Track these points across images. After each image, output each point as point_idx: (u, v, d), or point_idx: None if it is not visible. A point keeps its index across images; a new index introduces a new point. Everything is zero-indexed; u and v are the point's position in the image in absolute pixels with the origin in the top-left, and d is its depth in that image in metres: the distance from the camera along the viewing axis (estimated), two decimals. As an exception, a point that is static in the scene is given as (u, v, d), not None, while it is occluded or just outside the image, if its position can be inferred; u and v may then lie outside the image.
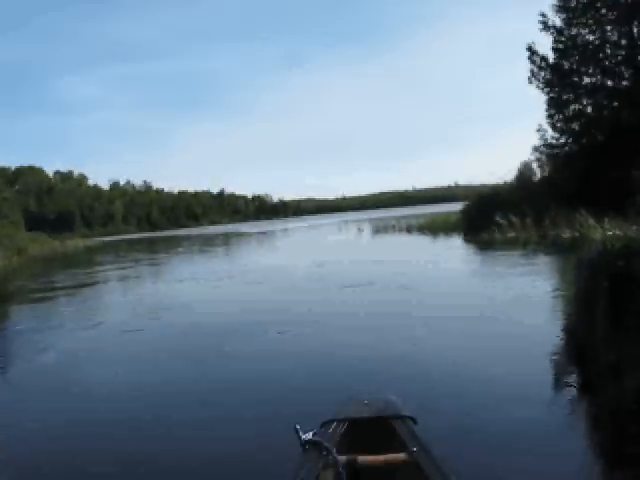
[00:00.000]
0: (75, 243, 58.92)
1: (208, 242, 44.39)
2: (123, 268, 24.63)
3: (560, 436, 3.77)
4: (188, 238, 57.89)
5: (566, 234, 16.83)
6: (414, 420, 2.94)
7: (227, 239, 47.50)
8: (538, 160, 24.63)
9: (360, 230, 35.03)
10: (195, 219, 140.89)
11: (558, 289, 9.24)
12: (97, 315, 11.26)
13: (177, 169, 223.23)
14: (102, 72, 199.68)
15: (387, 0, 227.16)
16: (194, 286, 14.78)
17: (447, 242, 22.68)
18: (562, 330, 5.95)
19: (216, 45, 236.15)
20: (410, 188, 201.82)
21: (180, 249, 37.34)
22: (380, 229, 34.03)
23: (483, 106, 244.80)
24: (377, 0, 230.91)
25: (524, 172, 24.84)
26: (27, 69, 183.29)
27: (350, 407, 3.13)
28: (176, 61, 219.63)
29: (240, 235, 53.18)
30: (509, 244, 18.13)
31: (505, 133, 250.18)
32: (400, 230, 32.01)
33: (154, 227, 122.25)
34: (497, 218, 20.42)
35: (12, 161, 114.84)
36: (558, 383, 4.86)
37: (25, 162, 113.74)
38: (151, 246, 46.75)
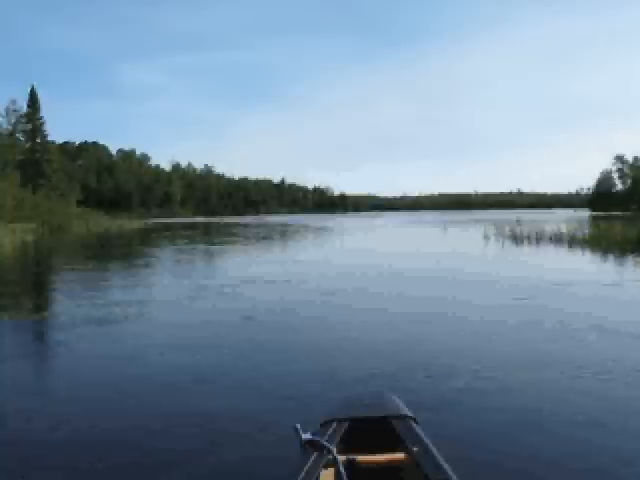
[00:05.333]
0: (121, 224, 53.57)
1: (269, 234, 37.98)
2: (158, 264, 18.54)
3: None
4: (245, 226, 51.80)
5: None
6: (415, 420, 2.80)
7: (301, 233, 40.92)
8: (619, 170, 22.91)
9: (487, 237, 25.84)
10: (253, 207, 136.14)
11: None
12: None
13: (236, 159, 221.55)
14: (163, 60, 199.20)
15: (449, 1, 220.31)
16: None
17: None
18: None
19: (277, 39, 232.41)
20: (470, 191, 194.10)
21: (236, 239, 31.01)
22: (510, 237, 25.17)
23: (542, 112, 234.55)
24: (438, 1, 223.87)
25: (603, 182, 20.86)
26: (93, 55, 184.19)
27: (351, 407, 2.98)
28: (237, 53, 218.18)
29: (310, 230, 46.56)
30: None
31: (563, 140, 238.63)
32: (549, 241, 23.13)
33: (211, 212, 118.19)
34: None
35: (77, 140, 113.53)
36: None
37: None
38: (204, 234, 40.76)
